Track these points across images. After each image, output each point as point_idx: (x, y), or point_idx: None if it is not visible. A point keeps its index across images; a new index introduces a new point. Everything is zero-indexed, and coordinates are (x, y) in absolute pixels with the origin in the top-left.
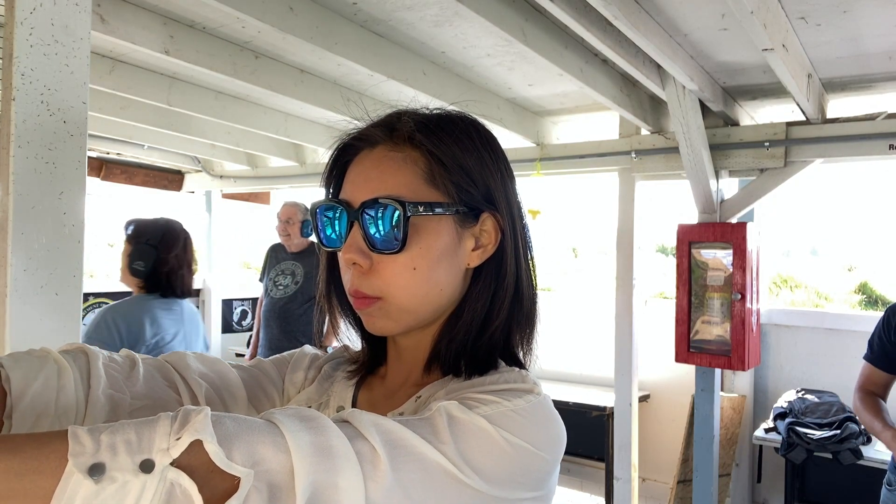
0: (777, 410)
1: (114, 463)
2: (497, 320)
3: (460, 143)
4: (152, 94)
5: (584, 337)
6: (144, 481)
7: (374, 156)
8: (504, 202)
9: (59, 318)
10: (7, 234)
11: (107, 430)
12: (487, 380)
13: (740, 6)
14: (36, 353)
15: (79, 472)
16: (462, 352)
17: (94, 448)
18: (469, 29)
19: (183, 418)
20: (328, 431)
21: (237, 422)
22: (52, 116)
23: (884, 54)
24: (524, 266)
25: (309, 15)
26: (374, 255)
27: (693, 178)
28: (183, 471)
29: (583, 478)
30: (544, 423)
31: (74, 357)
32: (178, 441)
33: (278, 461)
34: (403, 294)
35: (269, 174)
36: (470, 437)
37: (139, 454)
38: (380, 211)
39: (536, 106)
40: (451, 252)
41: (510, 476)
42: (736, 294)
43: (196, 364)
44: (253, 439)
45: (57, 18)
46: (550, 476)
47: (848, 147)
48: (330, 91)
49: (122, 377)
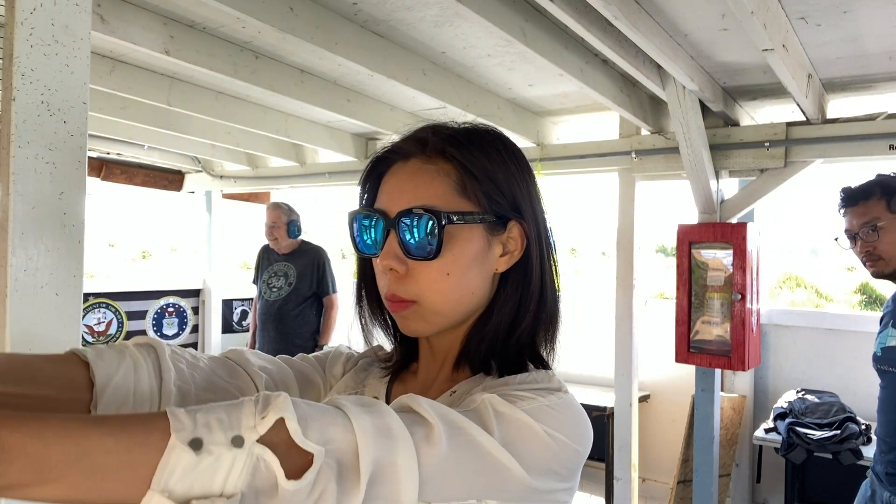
0: (777, 411)
1: (210, 438)
2: (524, 322)
3: (489, 155)
4: (152, 94)
5: (584, 337)
6: (235, 454)
7: (409, 168)
8: (529, 210)
9: (59, 318)
10: (7, 234)
11: (200, 410)
12: (519, 378)
13: (740, 6)
14: (116, 347)
15: (181, 444)
16: (492, 352)
17: (192, 425)
18: (469, 29)
19: (265, 401)
20: (387, 415)
21: (310, 405)
22: (52, 116)
23: (884, 54)
24: (548, 270)
25: (309, 15)
26: (409, 261)
27: (693, 179)
28: (266, 447)
29: (583, 478)
30: (576, 418)
31: (147, 351)
32: (264, 420)
33: (346, 440)
34: (437, 297)
35: (269, 174)
36: (514, 430)
37: (231, 430)
38: (415, 220)
39: (536, 106)
40: (481, 258)
41: (549, 467)
42: (736, 294)
43: (255, 359)
44: (325, 420)
45: (57, 18)
46: (579, 468)
47: (848, 147)
48: (330, 91)
49: (188, 370)
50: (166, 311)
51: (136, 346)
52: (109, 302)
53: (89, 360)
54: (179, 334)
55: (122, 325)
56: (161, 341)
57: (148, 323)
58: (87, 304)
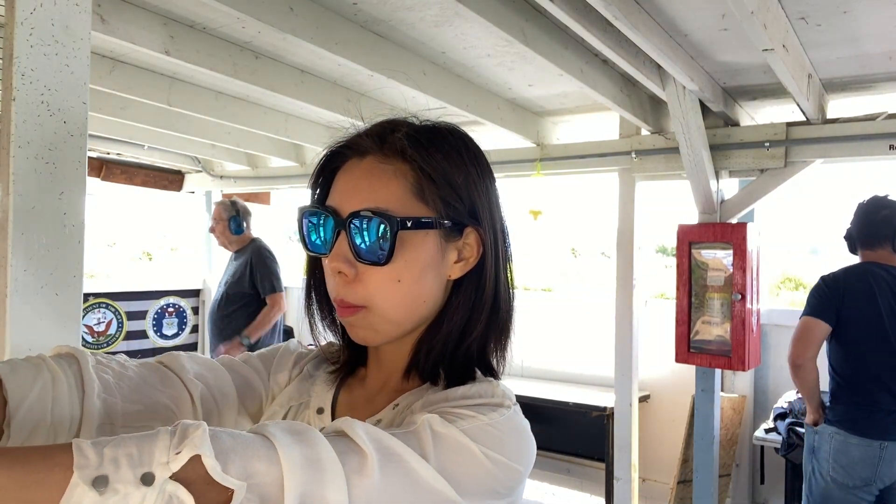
0: (777, 411)
1: (116, 475)
2: (475, 331)
3: (450, 158)
4: (152, 95)
5: (584, 337)
6: (145, 493)
7: (364, 166)
8: (488, 217)
9: (59, 318)
10: (7, 234)
11: (109, 443)
12: (460, 392)
13: (740, 6)
14: (32, 361)
15: (83, 484)
16: (440, 361)
17: (98, 461)
18: (469, 29)
19: (182, 433)
20: (318, 445)
21: (233, 437)
22: (52, 116)
23: (884, 54)
24: (503, 278)
25: (309, 15)
26: (359, 264)
27: (693, 179)
28: (181, 483)
29: (583, 478)
30: (517, 435)
31: (68, 363)
32: (178, 455)
33: (270, 474)
34: (387, 305)
35: (269, 174)
36: (452, 453)
37: (140, 467)
38: (367, 223)
39: (537, 106)
40: (434, 265)
41: (486, 488)
42: (736, 294)
43: (191, 364)
44: (247, 453)
45: (57, 19)
46: (521, 484)
47: (848, 147)
48: (330, 91)
49: (114, 381)
50: (166, 311)
51: (55, 358)
52: (109, 302)
53: (2, 377)
54: (179, 334)
55: (122, 325)
56: (85, 351)
57: (148, 323)
58: (87, 304)
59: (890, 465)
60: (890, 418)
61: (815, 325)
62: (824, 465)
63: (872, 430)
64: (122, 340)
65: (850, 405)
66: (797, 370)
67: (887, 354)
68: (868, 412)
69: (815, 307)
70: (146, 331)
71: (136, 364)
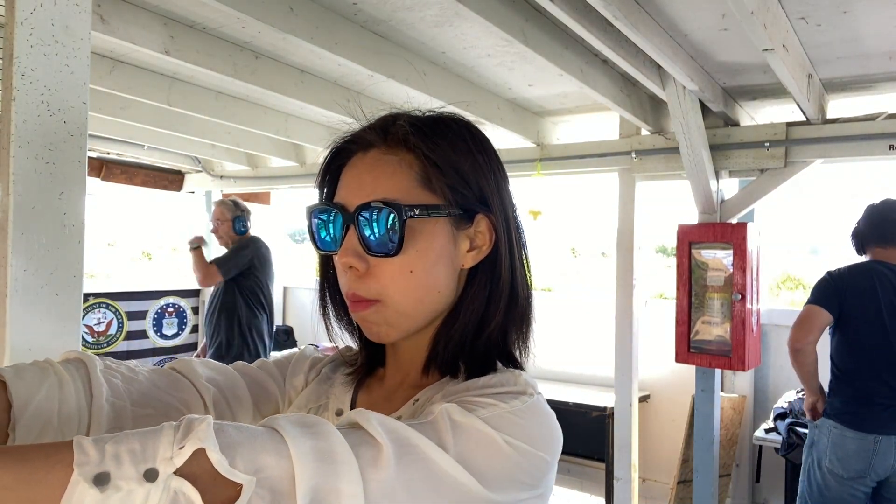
0: (777, 411)
1: (118, 472)
2: (493, 321)
3: (454, 145)
4: (152, 94)
5: (584, 337)
6: (149, 490)
7: (369, 159)
8: (498, 203)
9: (59, 318)
10: (7, 234)
11: (111, 439)
12: (481, 382)
13: (740, 6)
14: (39, 364)
15: (84, 481)
16: (460, 352)
17: (99, 458)
18: (469, 29)
19: (186, 428)
20: (330, 437)
21: (239, 430)
22: (52, 116)
23: (884, 54)
24: (519, 266)
25: (309, 15)
26: (370, 258)
27: (693, 179)
28: (186, 479)
29: (583, 478)
30: (541, 422)
31: (75, 367)
32: (182, 450)
33: (280, 467)
34: (401, 297)
35: (269, 174)
36: (472, 442)
37: (143, 463)
38: (375, 214)
39: (537, 106)
40: (446, 254)
41: (510, 478)
42: (736, 294)
43: (203, 369)
44: (255, 447)
45: (57, 18)
46: (548, 474)
47: (848, 147)
48: (330, 91)
49: (123, 385)
50: (166, 311)
51: (63, 363)
52: (109, 302)
53: (6, 380)
54: (179, 334)
55: (122, 325)
56: (93, 356)
57: (148, 323)
58: (87, 304)
59: (884, 458)
60: (886, 413)
61: (817, 312)
62: (822, 457)
63: (868, 423)
64: (123, 340)
65: (849, 399)
66: (796, 354)
67: (886, 349)
68: (865, 406)
69: (818, 297)
70: (146, 331)
71: (147, 370)
